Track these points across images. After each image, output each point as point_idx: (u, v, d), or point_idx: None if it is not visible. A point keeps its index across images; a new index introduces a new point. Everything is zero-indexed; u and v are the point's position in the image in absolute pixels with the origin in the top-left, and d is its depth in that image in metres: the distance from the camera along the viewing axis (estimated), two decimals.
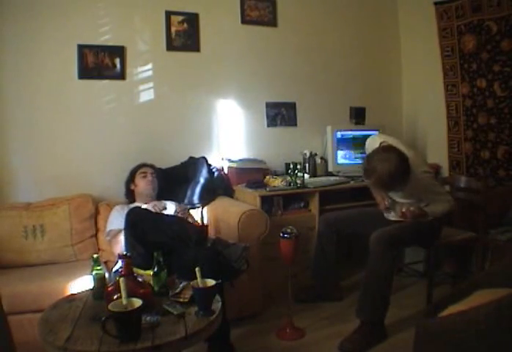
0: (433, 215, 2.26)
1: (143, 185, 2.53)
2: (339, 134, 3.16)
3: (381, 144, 2.29)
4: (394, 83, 3.66)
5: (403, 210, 2.19)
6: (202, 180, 2.79)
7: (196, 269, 1.55)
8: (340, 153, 3.15)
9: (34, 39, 2.60)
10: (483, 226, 2.57)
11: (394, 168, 2.03)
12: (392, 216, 2.48)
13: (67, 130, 2.72)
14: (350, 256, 2.75)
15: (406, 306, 2.48)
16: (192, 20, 2.96)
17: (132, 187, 2.57)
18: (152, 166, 2.63)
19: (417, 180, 2.19)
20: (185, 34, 2.95)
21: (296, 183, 2.77)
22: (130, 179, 2.58)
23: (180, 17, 2.93)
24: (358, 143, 3.16)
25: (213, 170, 2.91)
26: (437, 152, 3.30)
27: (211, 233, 2.42)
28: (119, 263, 1.88)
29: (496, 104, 2.88)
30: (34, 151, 2.66)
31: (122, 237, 2.19)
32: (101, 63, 2.74)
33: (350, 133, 3.19)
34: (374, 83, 3.59)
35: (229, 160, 3.01)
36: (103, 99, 2.80)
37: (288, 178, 2.80)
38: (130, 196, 2.59)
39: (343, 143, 3.17)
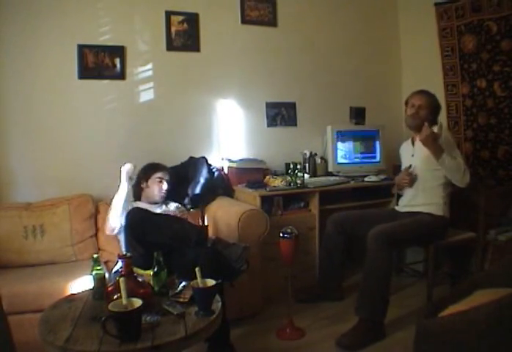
0: (447, 162, 2.28)
1: (156, 190, 2.48)
2: (339, 134, 3.15)
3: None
4: (394, 83, 3.66)
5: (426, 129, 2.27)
6: (202, 180, 2.79)
7: (196, 269, 1.55)
8: (340, 153, 3.15)
9: (34, 39, 2.60)
10: (482, 226, 2.57)
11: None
12: (402, 206, 2.55)
13: (67, 130, 2.72)
14: (352, 256, 2.75)
15: (406, 306, 2.48)
16: (192, 20, 2.96)
17: (143, 185, 2.52)
18: (167, 170, 2.58)
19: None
20: (185, 34, 2.95)
21: (296, 183, 2.77)
22: (144, 177, 2.52)
23: (180, 17, 2.93)
24: (358, 143, 3.17)
25: (213, 170, 2.90)
26: None
27: (211, 233, 2.42)
28: (119, 263, 1.88)
29: (496, 104, 2.88)
30: (34, 151, 2.66)
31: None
32: (101, 63, 2.74)
33: (350, 133, 3.19)
34: (374, 83, 3.59)
35: (229, 160, 3.01)
36: (103, 99, 2.80)
37: (288, 178, 2.80)
38: (137, 192, 2.54)
39: (343, 143, 3.16)
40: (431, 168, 2.41)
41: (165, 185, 2.52)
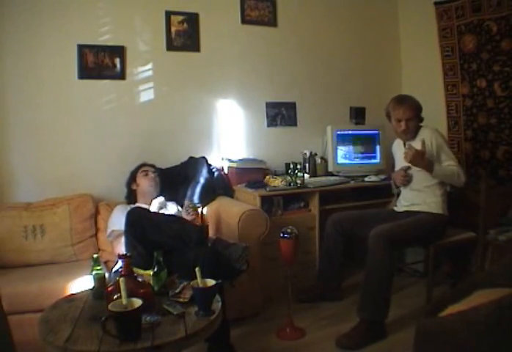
0: (441, 173, 2.28)
1: (146, 183, 2.53)
2: (339, 134, 3.15)
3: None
4: (394, 83, 3.66)
5: (407, 147, 2.27)
6: (202, 180, 2.79)
7: (196, 269, 1.55)
8: (340, 153, 3.15)
9: (34, 39, 2.60)
10: (483, 226, 2.57)
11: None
12: (400, 206, 2.57)
13: (67, 130, 2.72)
14: (352, 255, 2.75)
15: (405, 306, 2.48)
16: (192, 20, 2.96)
17: (134, 187, 2.56)
18: (152, 166, 2.64)
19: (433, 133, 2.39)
20: (185, 34, 2.95)
21: (296, 183, 2.77)
22: (132, 179, 2.58)
23: (180, 17, 2.93)
24: (358, 143, 3.17)
25: (213, 170, 2.91)
26: None
27: (211, 233, 2.42)
28: (119, 263, 1.88)
29: (496, 104, 2.88)
30: (34, 151, 2.66)
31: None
32: (101, 63, 2.74)
33: (350, 132, 3.19)
34: (374, 83, 3.59)
35: (229, 160, 3.01)
36: (103, 99, 2.80)
37: (288, 178, 2.80)
38: (132, 197, 2.58)
39: (343, 143, 3.16)
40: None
41: (152, 175, 2.55)
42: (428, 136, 2.40)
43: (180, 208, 2.61)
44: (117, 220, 2.37)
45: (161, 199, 2.51)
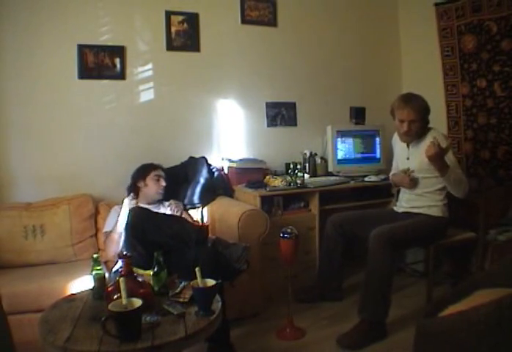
0: (451, 178, 2.24)
1: (154, 188, 2.49)
2: (339, 134, 3.15)
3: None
4: (394, 83, 3.66)
5: (432, 140, 2.20)
6: (202, 180, 2.79)
7: (196, 269, 1.55)
8: (340, 153, 3.15)
9: (34, 39, 2.60)
10: (483, 226, 2.57)
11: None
12: (401, 207, 2.57)
13: (67, 130, 2.72)
14: (353, 256, 2.75)
15: (405, 306, 2.48)
16: (192, 20, 2.96)
17: (140, 185, 2.52)
18: (163, 170, 2.60)
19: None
20: (185, 34, 2.95)
21: (296, 183, 2.77)
22: (140, 176, 2.52)
23: (180, 17, 2.93)
24: (358, 143, 3.17)
25: (213, 170, 2.91)
26: None
27: (211, 233, 2.42)
28: (119, 263, 1.88)
29: (496, 104, 2.88)
30: (34, 151, 2.66)
31: (115, 237, 2.22)
32: (101, 63, 2.74)
33: (350, 133, 3.19)
34: (374, 83, 3.59)
35: (229, 160, 3.01)
36: (103, 99, 2.80)
37: (288, 178, 2.80)
38: (135, 191, 2.53)
39: (343, 143, 3.16)
40: (428, 175, 2.38)
41: (164, 183, 2.52)
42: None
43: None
44: (111, 221, 2.37)
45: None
